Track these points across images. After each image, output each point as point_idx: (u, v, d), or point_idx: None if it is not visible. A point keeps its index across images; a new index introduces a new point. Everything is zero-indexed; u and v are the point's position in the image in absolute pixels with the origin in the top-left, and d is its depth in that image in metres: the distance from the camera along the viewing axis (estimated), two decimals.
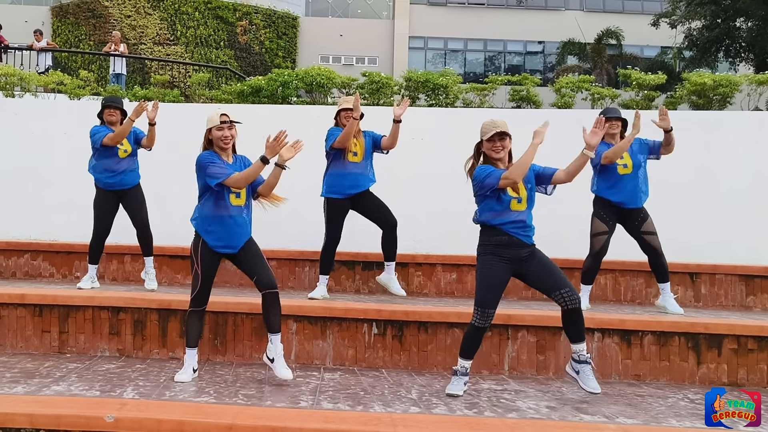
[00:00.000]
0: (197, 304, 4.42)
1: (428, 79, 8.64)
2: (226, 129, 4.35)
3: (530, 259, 4.24)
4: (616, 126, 5.67)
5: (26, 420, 3.54)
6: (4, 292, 5.34)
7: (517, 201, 4.21)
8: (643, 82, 8.36)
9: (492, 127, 4.20)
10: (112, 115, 6.01)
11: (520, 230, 4.21)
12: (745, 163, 7.35)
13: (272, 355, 4.42)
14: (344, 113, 5.84)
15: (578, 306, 4.19)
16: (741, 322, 5.25)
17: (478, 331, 4.25)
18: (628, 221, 5.73)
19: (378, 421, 3.64)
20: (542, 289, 4.26)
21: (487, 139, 4.22)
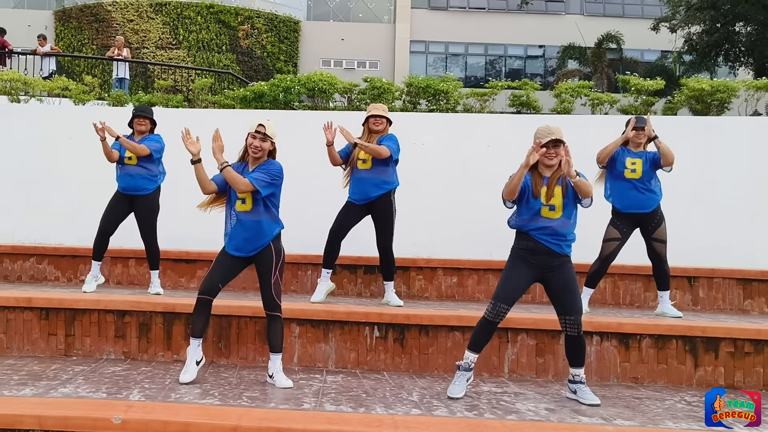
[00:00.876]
0: (202, 291, 4.46)
1: (429, 84, 8.72)
2: (258, 139, 4.43)
3: (558, 272, 4.29)
4: (641, 135, 5.73)
5: (34, 422, 3.62)
6: (11, 296, 5.42)
7: (549, 209, 4.26)
8: (641, 87, 8.44)
9: (547, 134, 4.23)
10: (141, 124, 6.17)
11: (549, 237, 4.27)
12: (742, 168, 7.42)
13: (271, 371, 4.55)
14: (373, 120, 5.91)
15: (578, 335, 4.27)
16: (738, 326, 5.32)
17: (488, 324, 4.33)
18: (644, 225, 5.82)
19: (380, 423, 3.71)
20: (554, 305, 4.37)
21: (542, 146, 4.25)
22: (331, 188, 6.49)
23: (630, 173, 5.70)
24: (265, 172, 4.43)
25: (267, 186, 4.41)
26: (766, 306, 6.72)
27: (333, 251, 6.00)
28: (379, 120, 5.89)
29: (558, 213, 4.26)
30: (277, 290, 4.49)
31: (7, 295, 5.46)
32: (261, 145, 4.45)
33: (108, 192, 6.60)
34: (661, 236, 5.79)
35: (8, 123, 8.10)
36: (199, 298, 4.46)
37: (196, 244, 7.01)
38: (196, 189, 5.99)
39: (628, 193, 5.73)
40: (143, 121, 6.17)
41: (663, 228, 5.80)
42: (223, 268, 4.52)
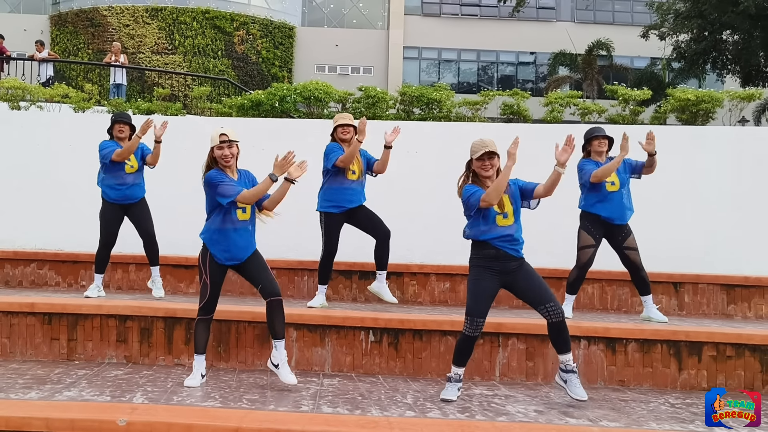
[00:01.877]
0: (205, 313, 4.64)
1: (422, 93, 8.91)
2: (226, 148, 4.57)
3: (518, 272, 4.47)
4: (603, 144, 5.93)
5: (42, 424, 3.75)
6: (14, 301, 5.55)
7: (503, 216, 4.44)
8: (629, 97, 8.66)
9: (481, 147, 4.44)
10: (122, 131, 6.25)
11: (507, 244, 4.45)
12: (726, 177, 7.63)
13: (277, 360, 4.64)
14: (341, 129, 6.05)
15: (562, 318, 4.42)
16: (720, 330, 5.51)
17: (469, 339, 4.49)
18: (613, 236, 5.98)
19: (376, 425, 3.87)
20: (528, 302, 4.51)
21: (476, 158, 4.45)
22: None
23: (611, 186, 5.87)
24: (254, 181, 4.66)
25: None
26: (748, 311, 6.92)
27: (331, 269, 6.18)
28: (346, 129, 6.03)
29: (511, 219, 4.46)
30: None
31: (11, 300, 5.60)
32: (231, 152, 4.60)
33: None
34: (632, 244, 5.96)
35: (9, 130, 8.23)
36: (204, 319, 4.63)
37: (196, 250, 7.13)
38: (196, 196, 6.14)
39: (608, 205, 5.88)
40: (123, 127, 6.26)
41: (633, 237, 5.97)
42: (218, 285, 4.68)
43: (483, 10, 29.81)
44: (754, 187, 7.58)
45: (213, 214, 4.65)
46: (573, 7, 30.37)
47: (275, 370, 4.67)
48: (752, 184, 7.59)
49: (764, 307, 6.94)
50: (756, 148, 7.71)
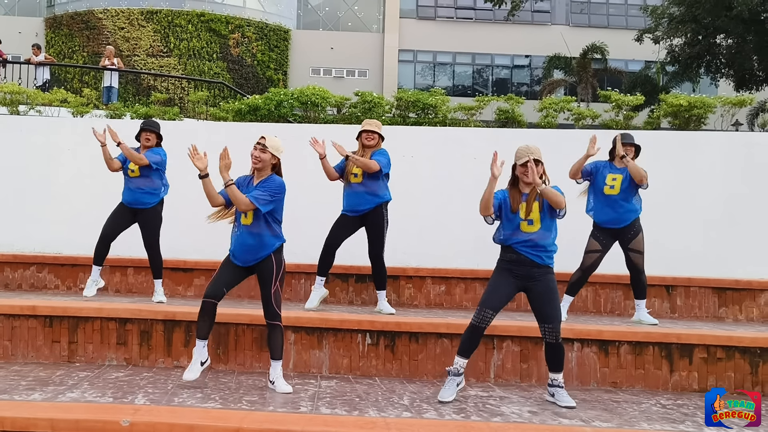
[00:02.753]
0: (207, 295, 4.68)
1: (418, 98, 9.01)
2: (258, 150, 4.67)
3: (539, 282, 4.58)
4: (629, 151, 6.03)
5: (47, 424, 3.83)
6: (16, 304, 5.61)
7: (528, 223, 4.56)
8: (622, 102, 8.77)
9: (526, 153, 4.54)
10: (148, 139, 6.38)
11: (530, 249, 4.57)
12: (718, 181, 7.75)
13: (272, 377, 4.78)
14: (365, 135, 6.15)
15: (555, 342, 4.56)
16: (711, 333, 5.62)
17: (475, 330, 4.60)
18: (621, 237, 6.12)
19: (373, 425, 3.96)
20: (534, 313, 4.66)
21: (520, 164, 4.56)
22: (324, 200, 6.74)
23: (609, 189, 5.99)
24: (266, 189, 4.64)
25: (267, 203, 4.62)
26: (739, 313, 7.03)
27: (328, 261, 6.24)
28: (371, 135, 6.14)
29: (536, 226, 4.56)
30: (278, 300, 4.72)
31: (12, 303, 5.66)
32: (260, 156, 4.68)
33: (106, 202, 6.83)
34: (638, 247, 6.07)
35: (8, 134, 8.29)
36: (205, 302, 4.69)
37: (194, 254, 7.24)
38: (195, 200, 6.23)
39: (605, 209, 6.03)
40: (150, 135, 6.37)
41: (639, 239, 6.07)
42: (227, 274, 4.75)
43: (478, 14, 29.99)
44: (745, 192, 7.70)
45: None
46: (568, 11, 30.57)
47: (272, 386, 4.79)
48: (744, 188, 7.70)
49: (755, 309, 7.05)
50: (747, 154, 7.83)
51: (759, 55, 20.87)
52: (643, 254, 6.11)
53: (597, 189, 6.05)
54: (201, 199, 5.60)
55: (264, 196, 4.61)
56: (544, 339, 4.60)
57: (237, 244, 4.75)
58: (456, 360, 4.68)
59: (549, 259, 4.62)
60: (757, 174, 7.74)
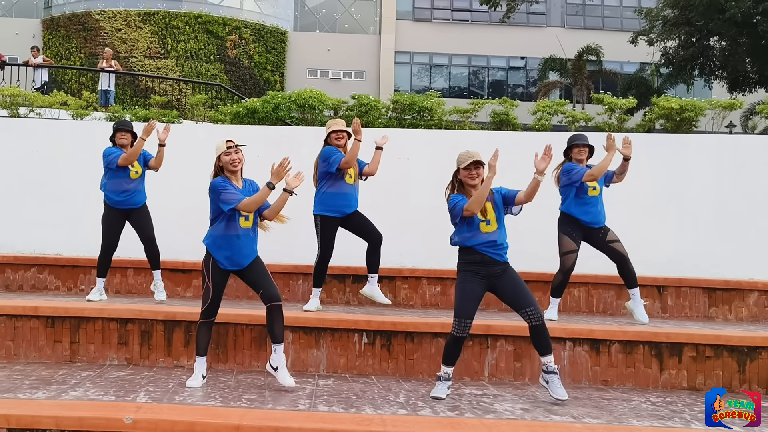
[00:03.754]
0: (207, 316, 4.83)
1: (414, 102, 9.12)
2: (233, 153, 4.77)
3: (503, 276, 4.71)
4: (584, 152, 6.16)
5: (52, 422, 3.93)
6: (18, 305, 5.71)
7: (486, 223, 4.68)
8: (615, 105, 8.91)
9: (468, 157, 4.68)
10: (123, 137, 6.42)
11: (491, 249, 4.69)
12: (708, 183, 7.88)
13: (276, 364, 4.83)
14: (335, 135, 6.23)
15: (541, 322, 4.66)
16: (699, 332, 5.74)
17: (457, 340, 4.71)
18: (593, 237, 6.20)
19: (370, 422, 4.07)
20: (511, 305, 4.75)
21: (463, 168, 4.68)
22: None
23: (592, 191, 6.12)
24: (256, 190, 4.83)
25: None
26: (729, 313, 7.16)
27: (325, 272, 6.35)
28: (340, 134, 6.22)
29: (494, 226, 4.69)
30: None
31: (15, 303, 5.76)
32: (239, 157, 4.81)
33: None
34: (614, 237, 6.18)
35: (8, 137, 8.38)
36: (205, 322, 4.82)
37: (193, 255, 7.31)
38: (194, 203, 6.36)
39: (590, 210, 6.13)
40: (125, 134, 6.45)
41: (612, 231, 6.20)
42: (220, 288, 4.87)
43: (474, 16, 30.14)
44: (735, 194, 7.83)
45: (217, 221, 4.83)
46: (563, 13, 30.74)
47: (274, 373, 4.85)
48: (733, 190, 7.84)
49: (744, 309, 7.18)
50: (737, 156, 7.97)
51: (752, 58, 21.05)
52: (621, 241, 6.20)
53: (582, 190, 6.14)
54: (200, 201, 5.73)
55: None
56: (530, 323, 4.66)
57: (236, 249, 4.81)
58: (443, 368, 4.80)
59: (506, 255, 4.76)
60: (747, 176, 7.87)
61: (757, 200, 7.82)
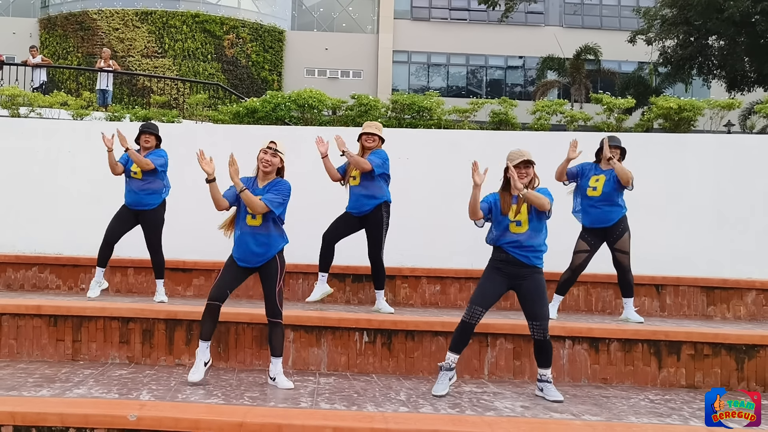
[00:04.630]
0: (211, 298, 4.80)
1: (414, 101, 9.16)
2: (270, 154, 4.80)
3: (527, 281, 4.76)
4: (615, 153, 6.18)
5: (57, 419, 3.96)
6: (21, 304, 5.74)
7: (516, 224, 4.74)
8: (613, 105, 8.95)
9: (518, 156, 4.72)
10: (148, 141, 6.48)
11: (517, 250, 4.74)
12: (706, 182, 7.93)
13: (273, 374, 4.91)
14: (365, 137, 6.29)
15: (544, 338, 4.73)
16: (698, 330, 5.79)
17: (465, 326, 4.77)
18: (606, 237, 6.28)
19: (371, 419, 4.10)
20: (523, 311, 4.83)
21: (513, 166, 4.70)
22: (321, 201, 6.87)
23: (591, 191, 6.16)
24: (277, 192, 4.78)
25: (279, 206, 4.76)
26: (727, 312, 7.21)
27: (326, 255, 6.35)
28: (370, 137, 6.27)
29: (524, 228, 4.73)
30: (280, 299, 4.87)
31: (17, 302, 5.78)
32: (271, 160, 4.81)
33: (106, 203, 6.97)
34: (623, 247, 6.22)
35: (8, 136, 8.39)
36: (209, 304, 4.82)
37: (193, 254, 7.36)
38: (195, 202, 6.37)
39: (589, 211, 6.19)
40: (149, 137, 6.49)
41: (625, 239, 6.22)
42: (230, 275, 4.88)
43: (472, 15, 30.18)
44: (733, 193, 7.88)
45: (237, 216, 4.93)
46: (561, 12, 30.79)
47: (273, 383, 4.92)
48: (731, 189, 7.89)
49: (742, 308, 7.23)
50: (735, 156, 8.01)
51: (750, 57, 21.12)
52: (628, 254, 6.25)
53: (582, 191, 6.20)
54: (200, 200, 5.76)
55: (277, 198, 4.75)
56: (533, 336, 4.78)
57: (243, 246, 4.84)
58: (447, 355, 4.84)
59: (537, 259, 4.78)
60: (745, 175, 7.92)
61: (755, 199, 7.87)
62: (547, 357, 4.80)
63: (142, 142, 6.49)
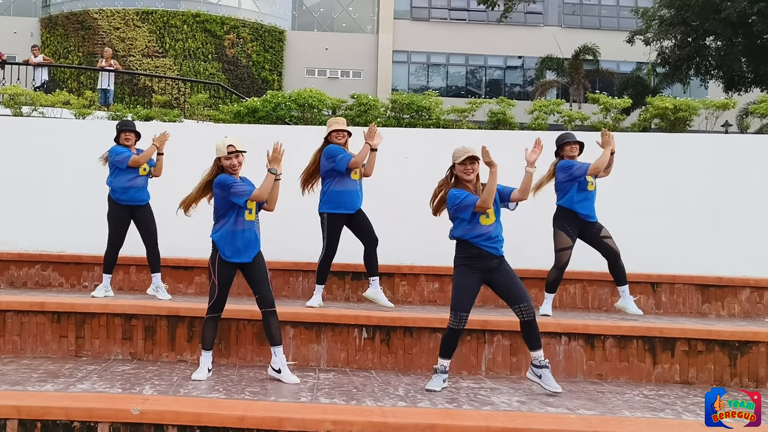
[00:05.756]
0: (214, 311, 4.95)
1: (413, 101, 9.24)
2: (234, 158, 4.89)
3: (498, 270, 4.84)
4: (575, 149, 6.28)
5: (62, 413, 4.05)
6: (25, 301, 5.83)
7: (486, 216, 4.80)
8: (610, 105, 9.04)
9: (464, 152, 4.80)
10: (128, 138, 6.55)
11: (488, 243, 4.81)
12: (701, 181, 8.01)
13: (277, 366, 4.99)
14: (335, 134, 6.33)
15: (532, 318, 4.80)
16: (692, 327, 5.88)
17: (454, 332, 4.84)
18: (588, 231, 6.32)
19: (370, 413, 4.19)
20: (505, 299, 4.89)
21: (459, 163, 4.80)
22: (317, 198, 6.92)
23: (591, 186, 6.25)
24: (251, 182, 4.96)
25: None
26: (722, 309, 7.28)
27: (329, 269, 6.42)
28: (341, 133, 6.32)
29: (492, 219, 4.82)
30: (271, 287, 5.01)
31: (21, 299, 5.87)
32: (239, 161, 4.94)
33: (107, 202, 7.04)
34: (607, 234, 6.32)
35: (11, 135, 8.47)
36: (211, 317, 4.95)
37: (194, 252, 7.43)
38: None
39: (587, 203, 6.27)
40: (129, 135, 6.57)
41: (605, 228, 6.33)
42: (227, 284, 5.00)
43: (471, 15, 30.26)
44: (727, 192, 7.96)
45: (225, 216, 4.95)
46: (560, 12, 30.87)
47: (277, 376, 4.99)
48: (726, 188, 7.97)
49: (736, 305, 7.31)
50: (730, 155, 8.09)
51: (747, 57, 21.19)
52: (613, 238, 6.33)
53: (581, 186, 6.26)
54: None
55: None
56: (522, 318, 4.80)
57: (241, 242, 4.94)
58: (440, 361, 4.92)
59: (502, 248, 4.88)
60: (740, 175, 8.00)
61: (749, 198, 7.95)
62: (538, 336, 4.85)
63: (122, 140, 6.56)
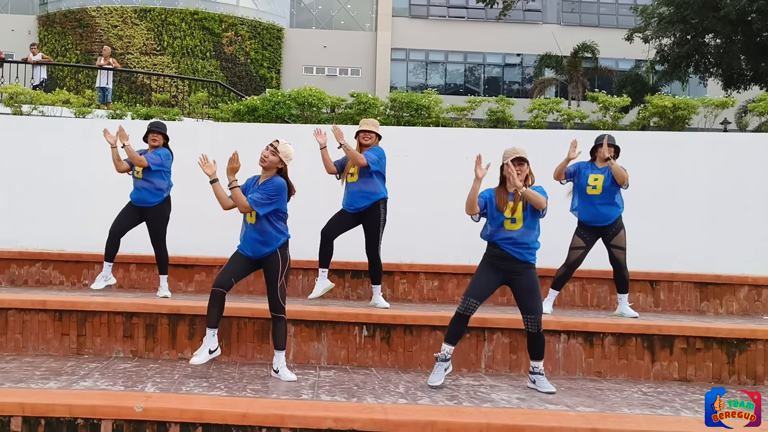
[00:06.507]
0: (215, 284, 4.95)
1: (412, 100, 9.27)
2: (269, 151, 4.91)
3: (521, 276, 4.89)
4: (610, 151, 6.25)
5: (65, 410, 4.07)
6: (27, 299, 5.84)
7: (511, 221, 4.85)
8: (608, 104, 9.06)
9: (512, 153, 4.84)
10: (155, 139, 6.54)
11: (512, 246, 4.87)
12: (700, 179, 8.05)
13: (276, 366, 5.04)
14: (362, 134, 6.37)
15: (538, 332, 4.86)
16: (690, 324, 5.91)
17: (460, 317, 4.90)
18: (603, 235, 6.38)
19: (371, 410, 4.22)
20: (518, 306, 4.96)
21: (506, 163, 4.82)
22: (321, 198, 6.95)
23: (591, 189, 6.26)
24: (263, 191, 4.88)
25: (263, 206, 4.86)
26: (720, 307, 7.33)
27: (325, 251, 6.42)
28: (367, 135, 6.36)
29: (518, 225, 4.85)
30: (283, 294, 4.98)
31: (23, 297, 5.88)
32: (267, 156, 4.92)
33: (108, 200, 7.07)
34: (619, 243, 6.34)
35: (12, 134, 8.49)
36: (214, 291, 4.95)
37: (194, 251, 7.46)
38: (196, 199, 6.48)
39: (589, 208, 6.30)
40: (156, 136, 6.55)
41: (621, 236, 6.34)
42: (236, 265, 5.02)
43: (470, 13, 30.25)
44: (726, 190, 8.00)
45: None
46: (559, 10, 30.88)
47: (276, 375, 5.04)
48: (724, 187, 8.01)
49: (735, 303, 7.35)
50: (728, 153, 8.13)
51: (746, 55, 21.23)
52: (624, 250, 6.37)
53: (580, 189, 6.32)
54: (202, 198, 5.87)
55: (261, 199, 4.86)
56: (527, 329, 4.90)
57: (245, 240, 5.03)
58: (443, 347, 4.97)
59: (530, 255, 4.90)
60: (738, 173, 8.04)
61: (747, 197, 7.99)
62: (540, 350, 4.94)
63: (149, 141, 6.56)
